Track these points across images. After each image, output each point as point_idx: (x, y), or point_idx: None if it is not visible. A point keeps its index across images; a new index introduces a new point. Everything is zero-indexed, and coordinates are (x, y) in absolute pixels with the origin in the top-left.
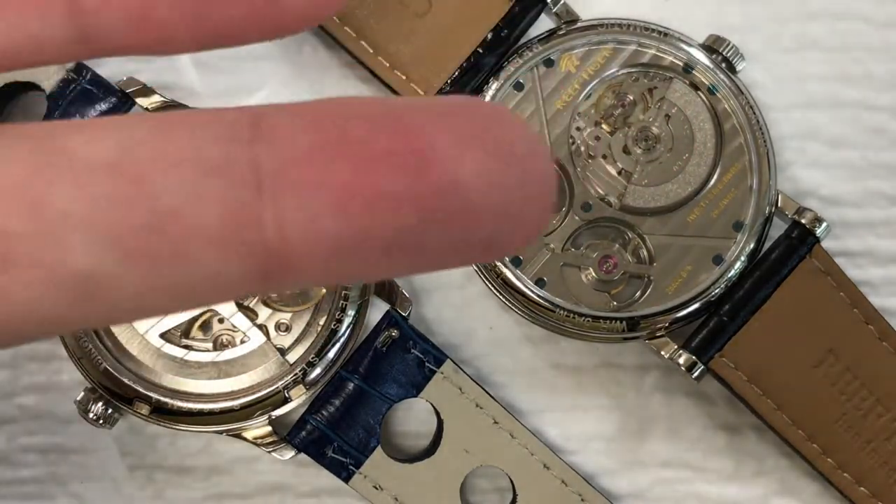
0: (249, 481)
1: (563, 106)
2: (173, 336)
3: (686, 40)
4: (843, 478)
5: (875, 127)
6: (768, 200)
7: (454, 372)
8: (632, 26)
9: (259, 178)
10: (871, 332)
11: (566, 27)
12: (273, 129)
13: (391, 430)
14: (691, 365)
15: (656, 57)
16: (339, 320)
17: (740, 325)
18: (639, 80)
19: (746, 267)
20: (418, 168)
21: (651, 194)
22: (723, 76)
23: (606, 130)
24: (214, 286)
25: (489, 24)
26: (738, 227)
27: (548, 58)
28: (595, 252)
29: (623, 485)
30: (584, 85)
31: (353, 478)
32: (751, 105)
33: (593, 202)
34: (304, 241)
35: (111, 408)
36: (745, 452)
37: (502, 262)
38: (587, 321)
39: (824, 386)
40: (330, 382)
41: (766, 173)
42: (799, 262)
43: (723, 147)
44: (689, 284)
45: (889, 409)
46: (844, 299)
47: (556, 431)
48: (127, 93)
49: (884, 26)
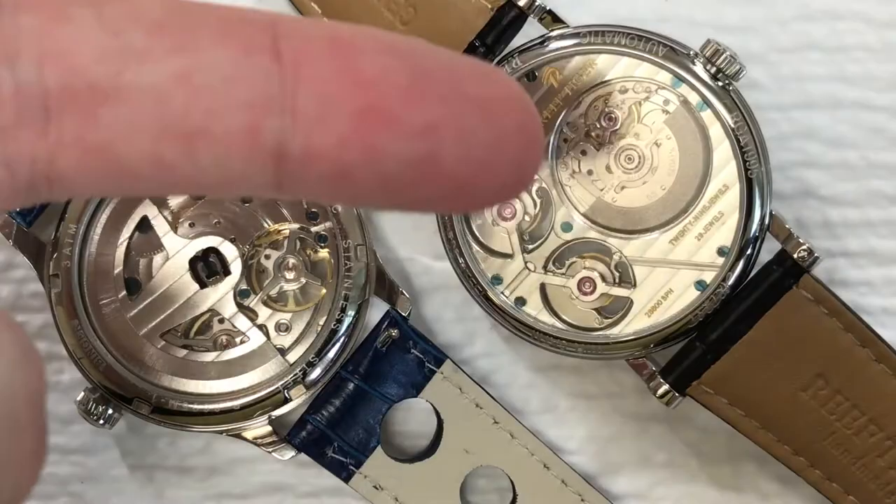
0: (249, 481)
1: (545, 121)
2: (173, 336)
3: (678, 49)
4: (832, 488)
5: (875, 127)
6: (757, 226)
7: (454, 372)
8: (618, 34)
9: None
10: (867, 355)
11: (552, 35)
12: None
13: (391, 430)
14: (665, 394)
15: (645, 69)
16: (339, 320)
17: (720, 354)
18: (627, 93)
19: (730, 294)
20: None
21: (634, 215)
22: (716, 90)
23: (592, 145)
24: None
25: (472, 32)
26: (723, 253)
27: (530, 71)
28: (575, 273)
29: (623, 485)
30: (568, 99)
31: (353, 478)
32: (744, 122)
33: (574, 222)
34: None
35: (111, 408)
36: (745, 453)
37: (483, 281)
38: (563, 341)
39: (811, 408)
40: (330, 382)
41: (755, 197)
42: (784, 293)
43: (711, 168)
44: (669, 308)
45: (883, 429)
46: (836, 324)
47: (556, 431)
48: None
49: (884, 26)
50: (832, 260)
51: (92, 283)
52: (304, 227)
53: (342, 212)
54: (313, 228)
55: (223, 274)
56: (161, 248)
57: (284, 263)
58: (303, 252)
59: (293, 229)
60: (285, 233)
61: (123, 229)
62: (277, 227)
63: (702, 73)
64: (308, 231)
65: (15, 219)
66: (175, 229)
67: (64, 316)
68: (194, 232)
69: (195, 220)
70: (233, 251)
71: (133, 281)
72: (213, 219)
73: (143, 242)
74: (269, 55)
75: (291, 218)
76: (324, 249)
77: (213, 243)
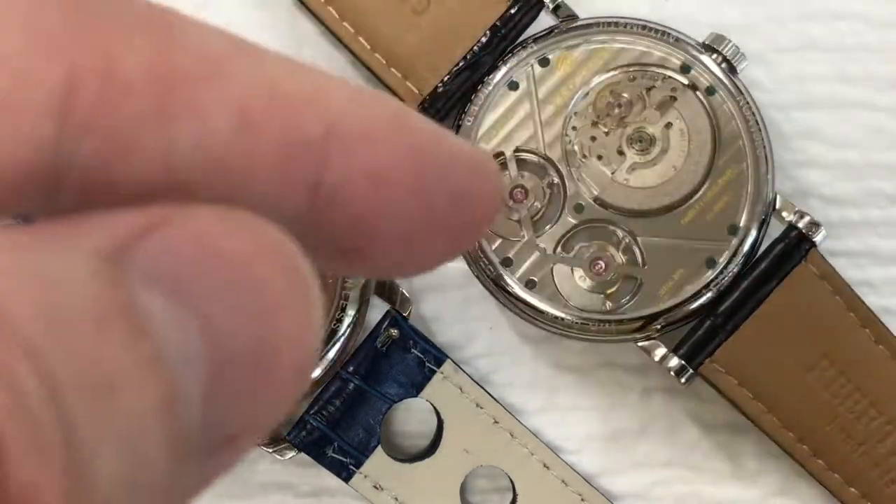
0: (249, 481)
1: (558, 106)
2: None
3: (685, 39)
4: (833, 478)
5: (875, 127)
6: (765, 204)
7: (454, 372)
8: (630, 25)
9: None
10: (867, 336)
11: (564, 25)
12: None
13: (391, 430)
14: (680, 369)
15: (654, 56)
16: (339, 320)
17: (732, 331)
18: (636, 80)
19: (740, 271)
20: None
21: (645, 196)
22: (722, 76)
23: (602, 131)
24: None
25: (487, 22)
26: (733, 231)
27: (543, 57)
28: (586, 254)
29: (623, 485)
30: (580, 85)
31: (354, 478)
32: (750, 106)
33: (586, 203)
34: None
35: None
36: (745, 453)
37: (494, 262)
38: (576, 324)
39: (817, 390)
40: (330, 382)
41: (763, 176)
42: (794, 268)
43: (719, 149)
44: (681, 287)
45: (882, 412)
46: (840, 303)
47: (556, 431)
48: None
49: (884, 26)
50: (832, 260)
51: None
52: None
53: None
54: None
55: None
56: None
57: None
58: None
59: None
60: None
61: None
62: None
63: (708, 61)
64: None
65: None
66: None
67: None
68: None
69: None
70: None
71: None
72: None
73: None
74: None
75: None
76: None
77: None
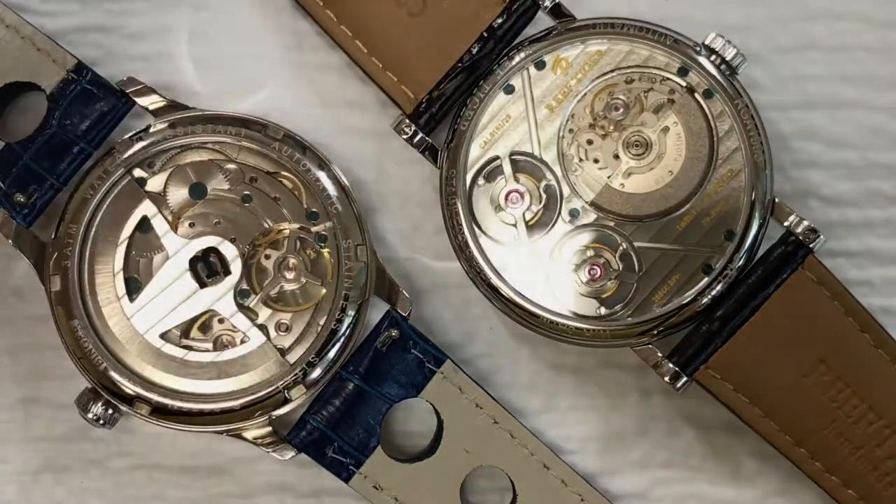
0: (249, 481)
1: (553, 109)
2: (173, 336)
3: (684, 40)
4: (831, 481)
5: (875, 127)
6: (762, 209)
7: (454, 372)
8: (627, 26)
9: None
10: (866, 340)
11: (561, 27)
12: None
13: (391, 430)
14: (675, 376)
15: (652, 59)
16: (339, 320)
17: (727, 337)
18: (634, 83)
19: (737, 277)
20: None
21: (641, 201)
22: (721, 78)
23: (599, 134)
24: None
25: (482, 24)
26: (730, 237)
27: (539, 60)
28: (581, 259)
29: (623, 485)
30: (575, 88)
31: (354, 478)
32: (748, 109)
33: (581, 208)
34: None
35: (111, 408)
36: (745, 453)
37: (488, 267)
38: (569, 328)
39: (814, 395)
40: (330, 382)
41: (761, 181)
42: (791, 274)
43: (716, 154)
44: (677, 293)
45: (882, 416)
46: (838, 308)
47: (556, 431)
48: (127, 93)
49: (884, 26)
50: (832, 260)
51: (92, 283)
52: (304, 227)
53: (342, 212)
54: (313, 228)
55: (223, 274)
56: (161, 247)
57: (284, 263)
58: (303, 252)
59: (293, 229)
60: (285, 233)
61: (123, 229)
62: (277, 226)
63: (706, 63)
64: (308, 231)
65: (15, 218)
66: (175, 229)
67: (63, 315)
68: (194, 232)
69: (195, 219)
70: (233, 251)
71: (133, 281)
72: (213, 219)
73: (143, 242)
74: None
75: (291, 218)
76: (324, 249)
77: (213, 243)
